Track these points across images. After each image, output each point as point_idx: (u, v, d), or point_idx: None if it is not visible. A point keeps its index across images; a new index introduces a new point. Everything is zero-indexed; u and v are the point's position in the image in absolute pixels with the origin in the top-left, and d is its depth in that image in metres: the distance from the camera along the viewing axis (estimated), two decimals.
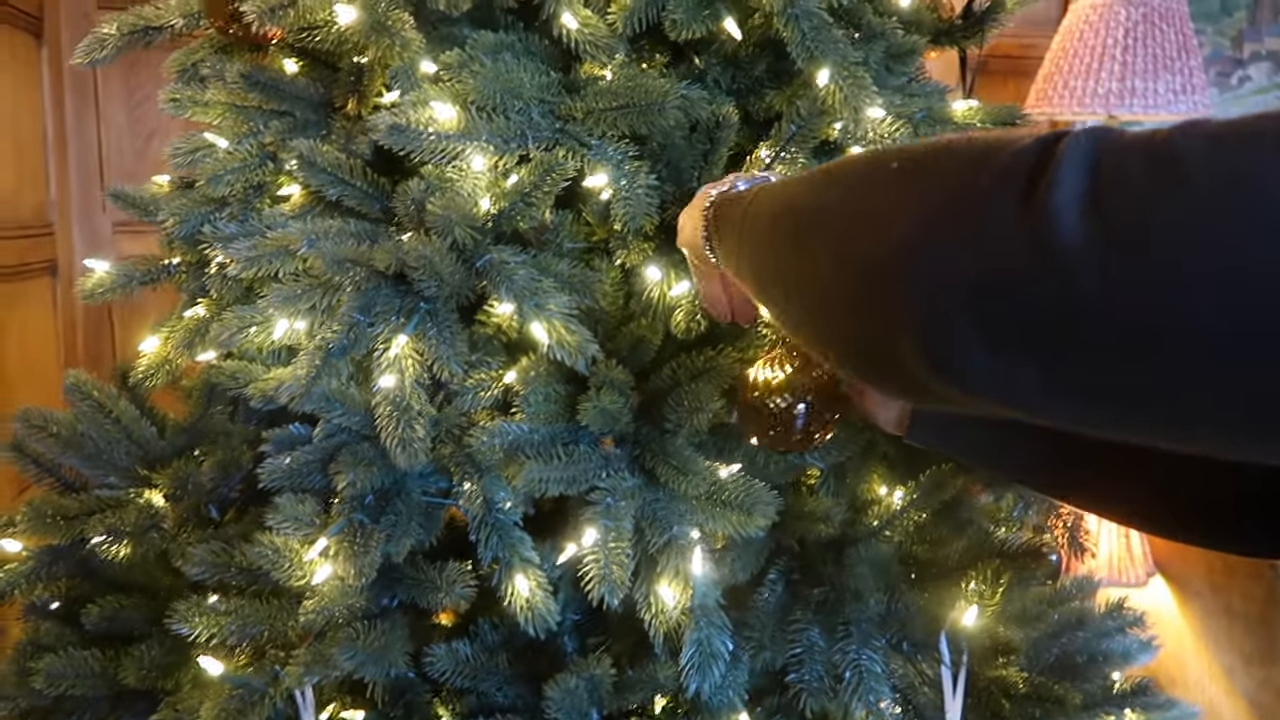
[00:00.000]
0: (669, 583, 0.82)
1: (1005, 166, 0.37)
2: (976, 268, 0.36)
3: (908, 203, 0.41)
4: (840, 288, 0.44)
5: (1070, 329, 0.34)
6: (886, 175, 0.44)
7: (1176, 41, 1.99)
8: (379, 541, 0.81)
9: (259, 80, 0.97)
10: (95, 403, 0.98)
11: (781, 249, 0.51)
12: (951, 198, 0.39)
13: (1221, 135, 0.32)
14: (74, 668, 0.86)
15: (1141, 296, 0.32)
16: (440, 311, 0.84)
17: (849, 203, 0.45)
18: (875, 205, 0.43)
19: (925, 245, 0.39)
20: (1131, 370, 0.34)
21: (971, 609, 0.90)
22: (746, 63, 0.98)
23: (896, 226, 0.40)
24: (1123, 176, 0.33)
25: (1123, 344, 0.33)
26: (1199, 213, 0.31)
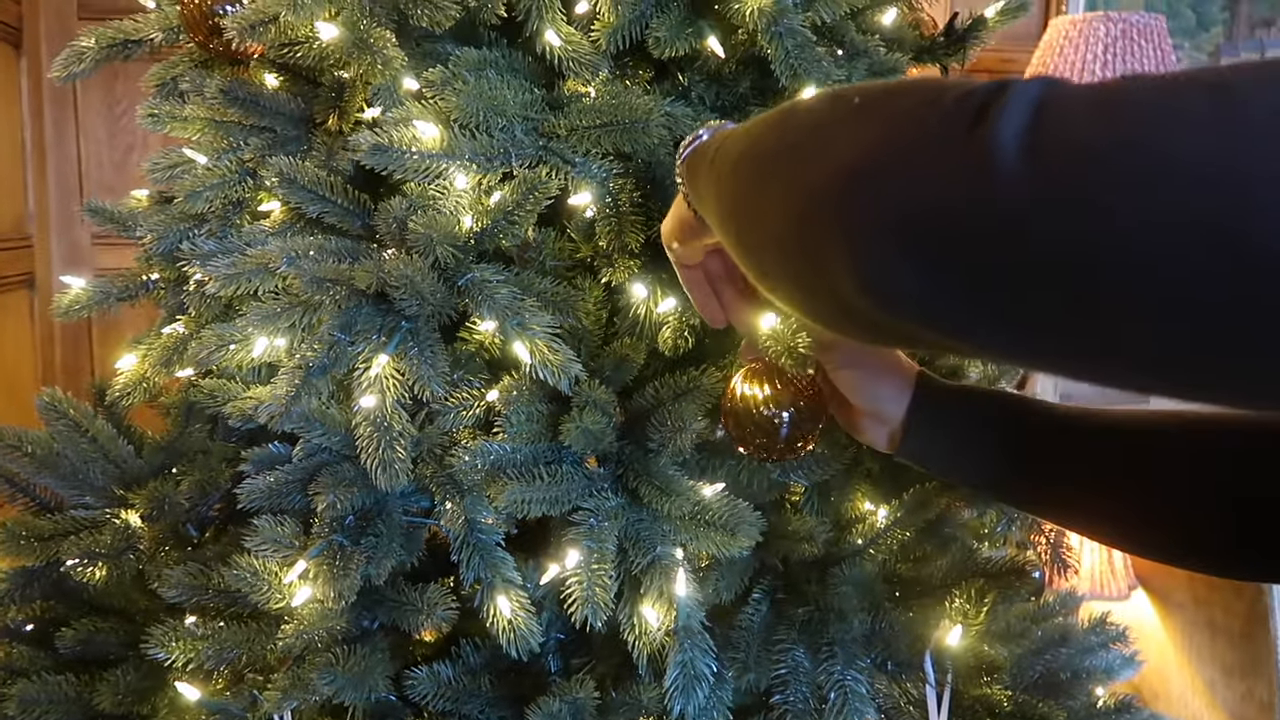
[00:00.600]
0: (653, 604, 0.82)
1: (955, 102, 0.38)
2: (913, 192, 0.38)
3: (858, 133, 0.42)
4: (786, 221, 0.45)
5: (997, 254, 0.35)
6: (845, 110, 0.44)
7: (1155, 57, 2.01)
8: (359, 563, 0.80)
9: (239, 95, 0.96)
10: (71, 421, 0.96)
11: (743, 188, 0.52)
12: (899, 129, 0.40)
13: (1161, 85, 0.34)
14: (48, 693, 0.84)
15: (1067, 227, 0.33)
16: (422, 330, 0.83)
17: (804, 137, 0.46)
18: (829, 136, 0.44)
19: (866, 170, 0.40)
20: (1051, 300, 0.35)
21: (956, 628, 0.89)
22: (730, 80, 0.98)
23: (844, 154, 0.42)
24: (1064, 114, 0.35)
25: (1045, 273, 0.34)
26: (1127, 146, 0.33)
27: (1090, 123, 0.34)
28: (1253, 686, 1.74)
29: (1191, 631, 1.87)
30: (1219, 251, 0.31)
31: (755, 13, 0.87)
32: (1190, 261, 0.32)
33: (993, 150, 0.35)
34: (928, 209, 0.37)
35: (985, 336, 0.39)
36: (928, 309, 0.39)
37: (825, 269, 0.42)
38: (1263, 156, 0.31)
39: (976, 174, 0.36)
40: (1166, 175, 0.32)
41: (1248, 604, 1.73)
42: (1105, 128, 0.34)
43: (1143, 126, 0.33)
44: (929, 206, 0.37)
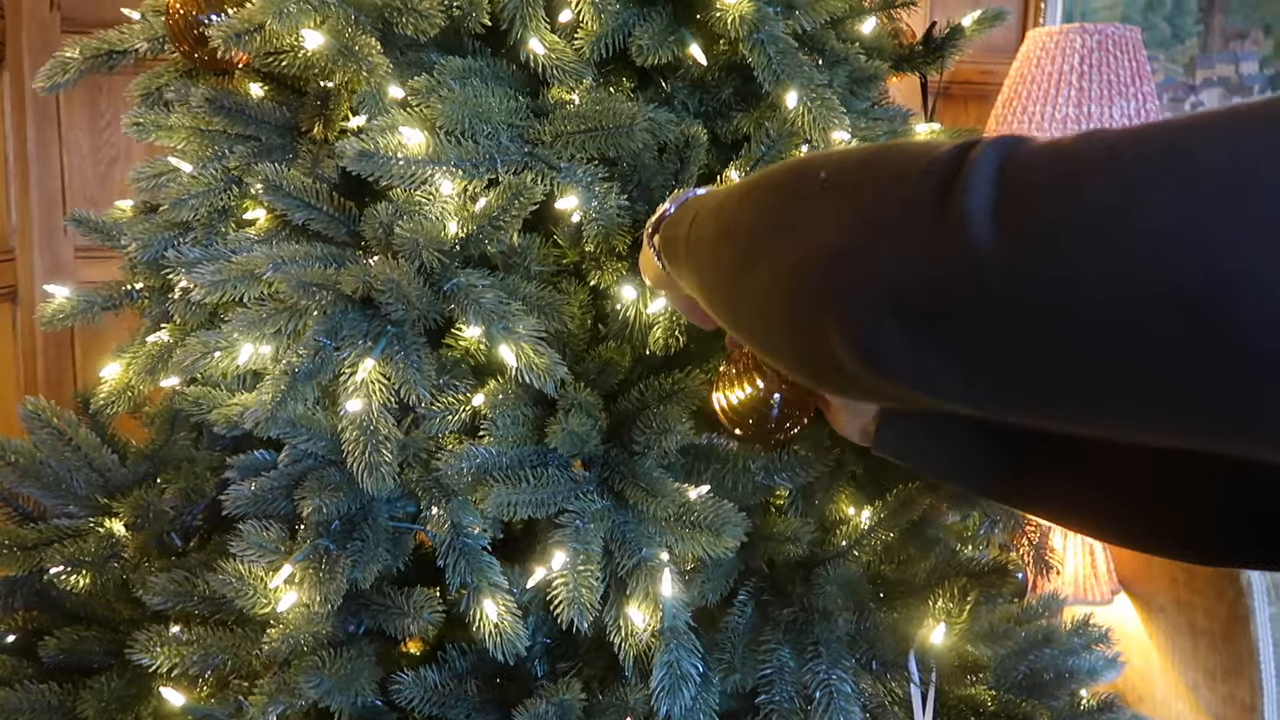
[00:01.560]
0: (639, 605, 0.82)
1: (923, 177, 0.40)
2: (896, 270, 0.40)
3: (834, 214, 0.44)
4: (777, 298, 0.47)
5: (981, 324, 0.37)
6: (815, 188, 0.46)
7: (1130, 68, 2.04)
8: (345, 568, 0.80)
9: (224, 104, 0.97)
10: (55, 430, 0.96)
11: (725, 267, 0.54)
12: (873, 207, 0.42)
13: (1116, 146, 0.35)
14: (31, 702, 0.84)
15: (1042, 291, 0.35)
16: (408, 335, 0.84)
17: (781, 217, 0.48)
18: (805, 216, 0.46)
19: (849, 251, 0.42)
20: (1037, 362, 0.36)
21: (939, 627, 0.90)
22: (714, 86, 0.99)
23: (824, 235, 0.44)
24: (1026, 181, 0.36)
25: (1027, 337, 0.36)
26: (1091, 216, 0.34)
27: (1054, 191, 0.35)
28: (1235, 689, 1.75)
29: (1174, 634, 1.89)
30: (1180, 315, 0.32)
31: (737, 20, 0.89)
32: (1155, 323, 0.33)
33: (965, 225, 0.37)
34: (914, 285, 0.39)
35: (981, 398, 0.41)
36: (925, 376, 0.41)
37: (821, 344, 0.44)
38: (1219, 220, 0.32)
39: (953, 249, 0.37)
40: (1126, 244, 0.33)
41: (1228, 607, 1.74)
42: (1068, 196, 0.35)
43: (1102, 194, 0.34)
44: (915, 283, 0.39)
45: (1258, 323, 0.31)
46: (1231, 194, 0.32)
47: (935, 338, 0.39)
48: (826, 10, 0.95)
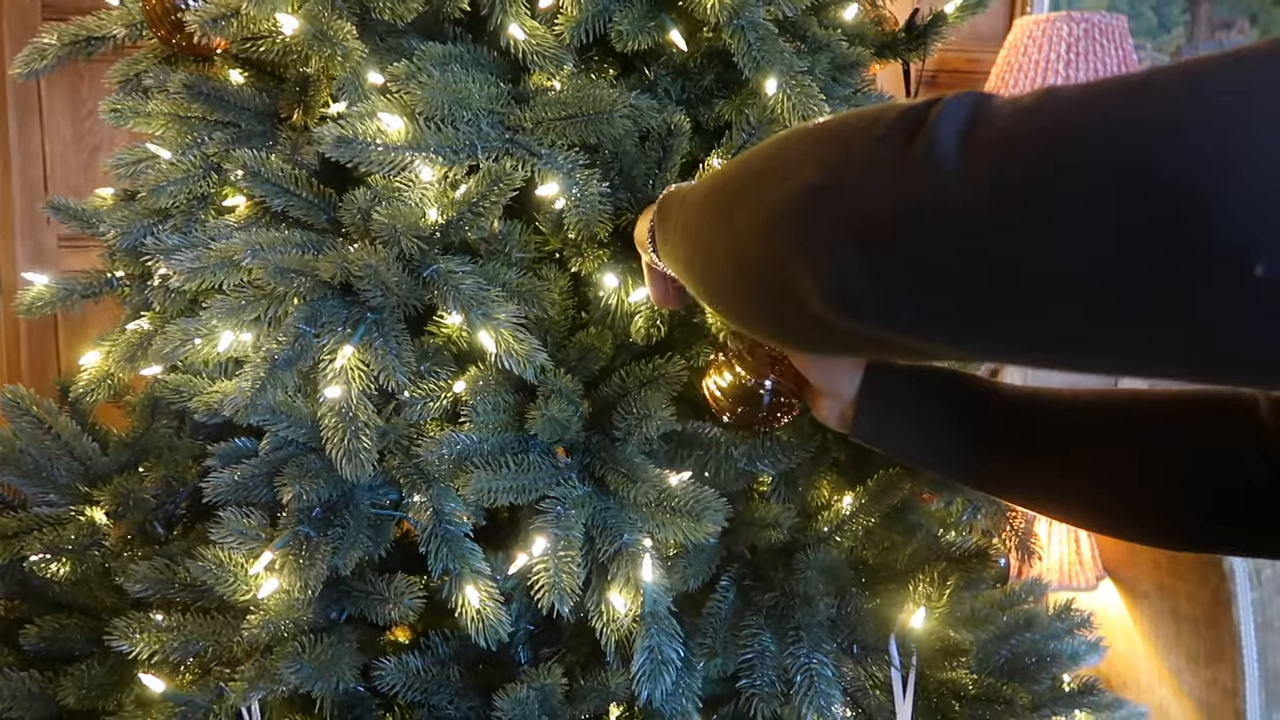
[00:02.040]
0: (620, 590, 0.82)
1: (898, 117, 0.41)
2: (862, 201, 0.41)
3: (815, 154, 0.45)
4: (752, 245, 0.48)
5: (942, 249, 0.38)
6: (802, 136, 0.48)
7: (1117, 57, 2.04)
8: (326, 554, 0.80)
9: (202, 91, 0.96)
10: (34, 418, 0.96)
11: (708, 220, 0.56)
12: (849, 146, 0.44)
13: (1073, 97, 0.37)
14: (11, 689, 0.84)
15: (1000, 208, 0.36)
16: (387, 322, 0.84)
17: (766, 163, 0.50)
18: (782, 162, 0.47)
19: (822, 185, 0.43)
20: (996, 284, 0.37)
21: (920, 612, 0.91)
22: (695, 73, 0.99)
23: (803, 174, 0.45)
24: (993, 116, 0.38)
25: (987, 259, 0.37)
26: (1050, 134, 0.36)
27: (1017, 120, 0.37)
28: (1217, 674, 1.76)
29: (1157, 620, 1.90)
30: (1133, 207, 0.33)
31: (717, 6, 0.88)
32: (1108, 221, 0.33)
33: (931, 153, 0.38)
34: (880, 216, 0.40)
35: (947, 334, 0.41)
36: (888, 312, 0.41)
37: (791, 284, 0.44)
38: (1163, 109, 0.33)
39: (919, 176, 0.39)
40: (1079, 142, 0.35)
41: (1211, 592, 1.75)
42: (1030, 120, 0.37)
43: (1063, 116, 0.36)
44: (881, 214, 0.40)
45: (1214, 214, 0.32)
46: (1187, 88, 0.33)
47: (900, 269, 0.40)
48: None
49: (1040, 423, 0.75)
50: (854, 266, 0.41)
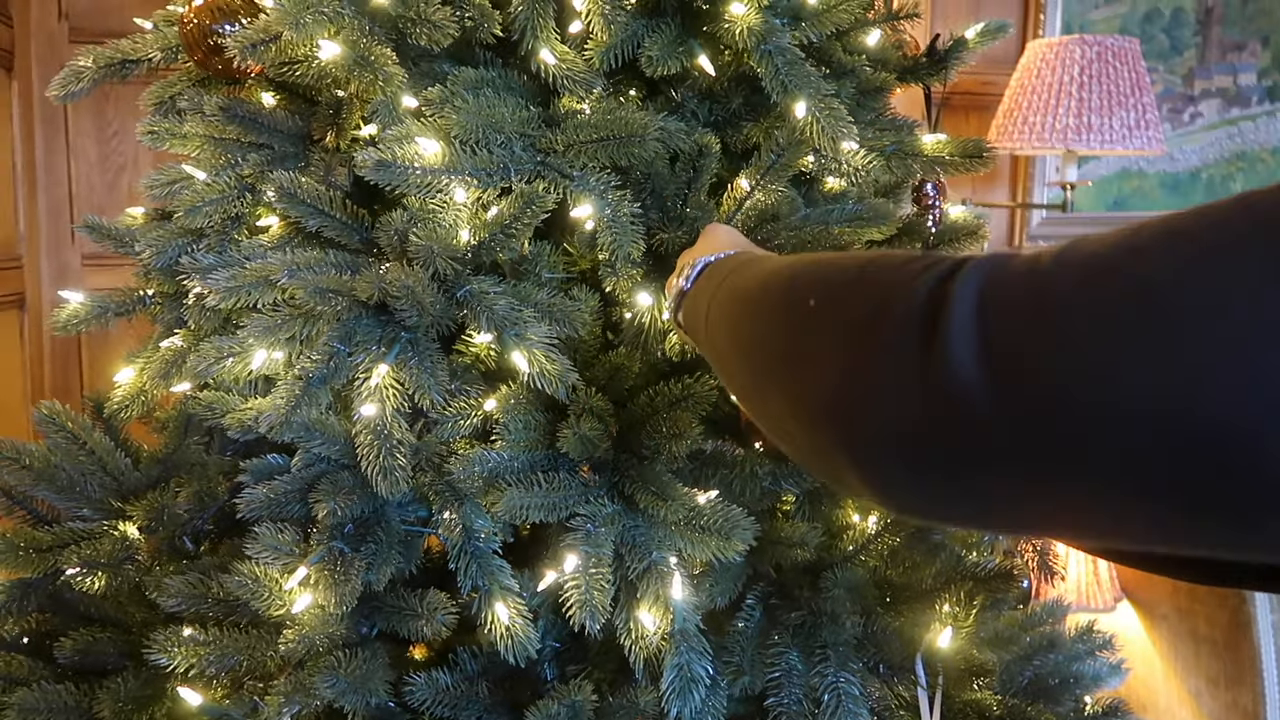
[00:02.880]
0: (649, 608, 0.83)
1: (905, 318, 0.41)
2: (893, 416, 0.41)
3: (827, 352, 0.46)
4: (793, 430, 0.49)
5: (980, 462, 0.39)
6: (808, 319, 0.48)
7: (1130, 79, 2.05)
8: (359, 570, 0.81)
9: (237, 113, 0.98)
10: (69, 434, 0.97)
11: (744, 389, 0.58)
12: (862, 351, 0.44)
13: (1091, 268, 0.36)
14: (47, 701, 0.85)
15: (1035, 436, 0.36)
16: (421, 341, 0.85)
17: (782, 346, 0.51)
18: (802, 351, 0.48)
19: (847, 398, 0.44)
20: (1042, 492, 0.38)
21: (946, 631, 0.91)
22: (723, 96, 1.00)
23: (822, 376, 0.46)
24: (1006, 318, 0.37)
25: (1027, 471, 0.37)
26: (1077, 365, 0.35)
27: (1037, 336, 0.36)
28: (1237, 696, 1.75)
29: (1176, 642, 1.89)
30: (1162, 433, 0.33)
31: (745, 32, 0.90)
32: (1155, 463, 0.34)
33: (951, 372, 0.38)
34: (912, 430, 0.41)
35: (998, 523, 0.45)
36: (939, 508, 0.43)
37: (840, 476, 0.46)
38: (1190, 351, 0.33)
39: (943, 396, 0.39)
40: (1115, 391, 0.34)
41: (1230, 614, 1.75)
42: (1052, 344, 0.36)
43: (1082, 339, 0.35)
44: (912, 428, 0.40)
45: (1258, 459, 0.31)
46: (1211, 333, 0.32)
47: (942, 475, 0.40)
48: (832, 22, 0.97)
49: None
50: (898, 472, 0.42)
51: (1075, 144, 2.08)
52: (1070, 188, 2.21)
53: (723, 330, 0.61)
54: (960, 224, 1.15)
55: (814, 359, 0.47)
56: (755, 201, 0.92)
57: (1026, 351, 0.36)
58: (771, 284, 0.55)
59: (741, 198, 0.93)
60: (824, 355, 0.46)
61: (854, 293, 0.46)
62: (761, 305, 0.55)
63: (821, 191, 0.98)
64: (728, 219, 0.92)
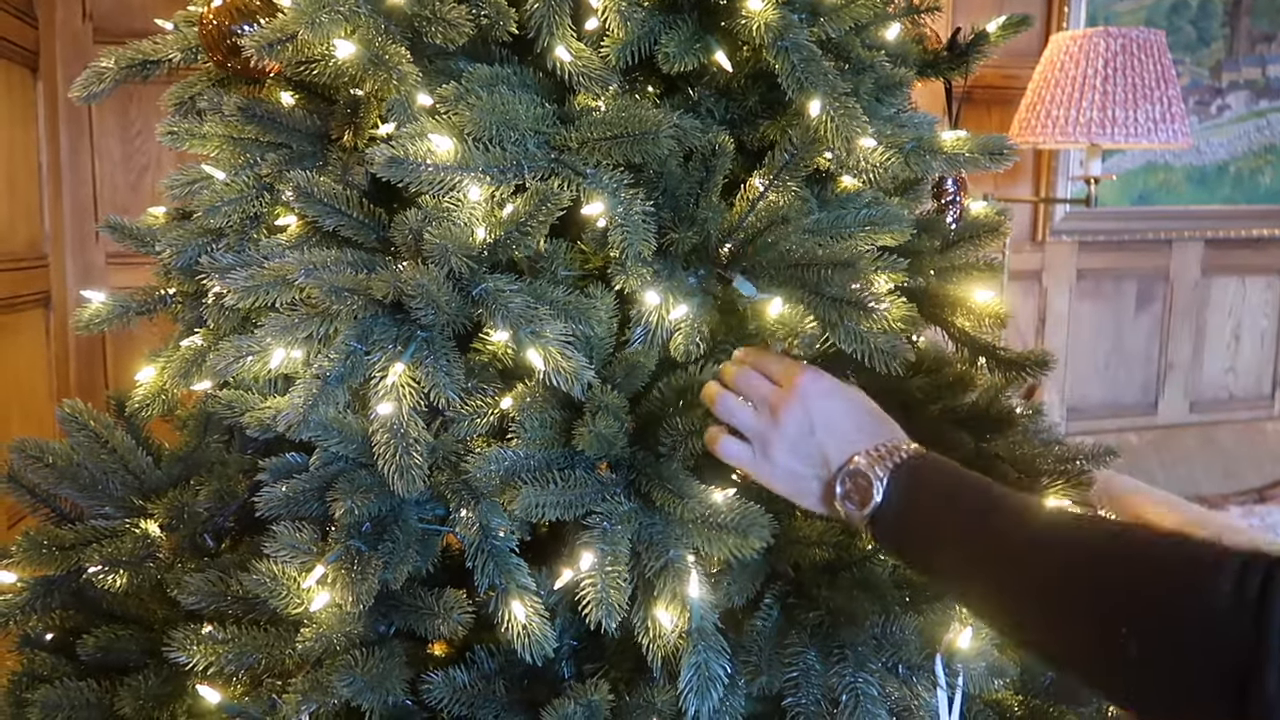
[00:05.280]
0: (666, 606, 0.82)
1: (1218, 656, 0.46)
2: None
3: (1153, 692, 0.51)
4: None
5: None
6: (1120, 651, 0.53)
7: (1155, 72, 2.03)
8: (376, 568, 0.81)
9: (256, 113, 0.99)
10: (91, 433, 0.98)
11: (1063, 635, 0.61)
12: (1188, 688, 0.48)
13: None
14: (70, 698, 0.86)
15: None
16: (437, 339, 0.85)
17: (1098, 654, 0.55)
18: (1123, 682, 0.54)
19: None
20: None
21: (966, 631, 0.90)
22: (739, 93, 1.00)
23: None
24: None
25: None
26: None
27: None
28: None
29: None
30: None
31: (762, 28, 0.89)
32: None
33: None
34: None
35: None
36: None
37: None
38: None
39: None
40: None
41: None
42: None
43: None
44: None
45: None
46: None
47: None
48: (851, 17, 0.96)
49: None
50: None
51: (1099, 138, 2.05)
52: (1094, 182, 2.19)
53: (987, 601, 0.66)
54: (981, 220, 1.13)
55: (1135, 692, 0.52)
56: (768, 202, 0.92)
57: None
58: (1077, 587, 0.58)
59: (755, 197, 0.92)
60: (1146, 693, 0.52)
61: (1170, 623, 0.50)
62: (1061, 597, 0.59)
63: (835, 191, 0.97)
64: (740, 220, 0.91)
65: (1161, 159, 2.74)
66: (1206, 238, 2.86)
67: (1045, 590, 0.61)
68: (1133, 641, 0.52)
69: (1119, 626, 0.53)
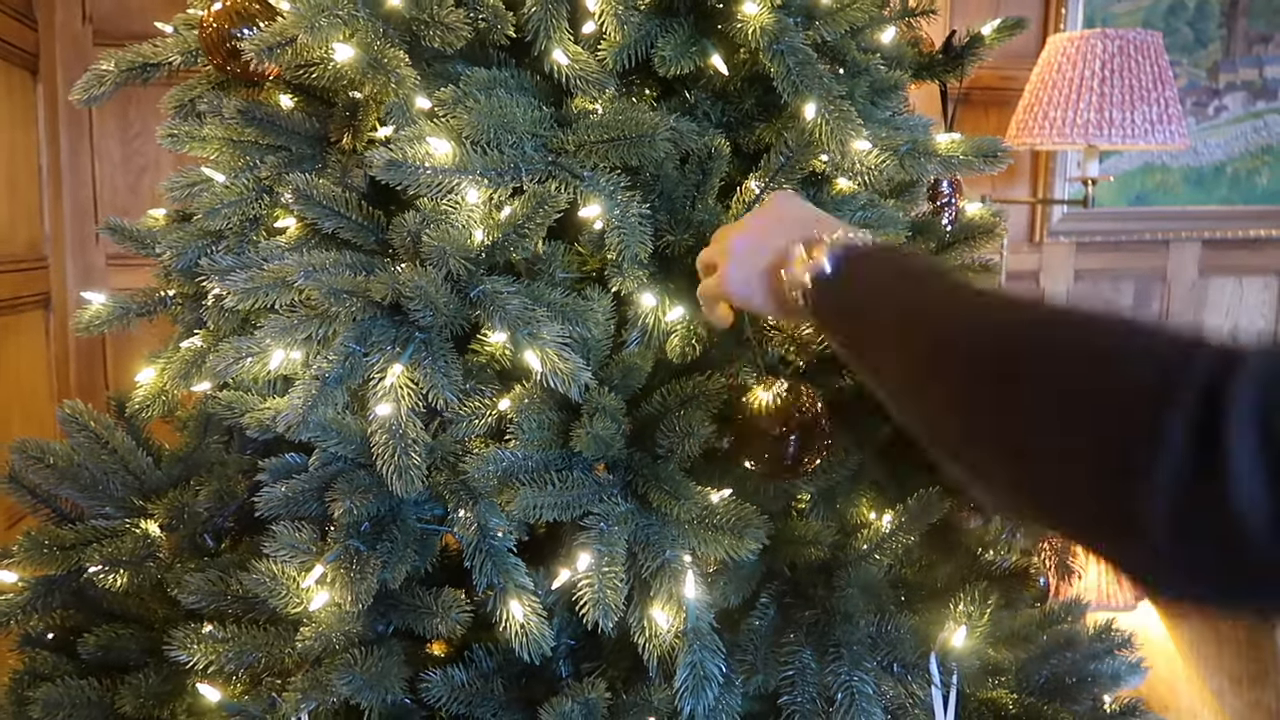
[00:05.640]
0: (662, 606, 0.83)
1: (1171, 413, 0.39)
2: (1158, 516, 0.39)
3: (1076, 430, 0.43)
4: (1016, 489, 0.47)
5: (1259, 572, 0.38)
6: (1040, 398, 0.45)
7: (1152, 73, 2.03)
8: (375, 568, 0.82)
9: (255, 115, 0.99)
10: (92, 433, 0.99)
11: (941, 418, 0.53)
12: (1124, 442, 0.41)
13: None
14: (71, 696, 0.86)
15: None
16: (435, 341, 0.86)
17: (1007, 403, 0.47)
18: (1037, 422, 0.45)
19: (1102, 491, 0.41)
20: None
21: (960, 630, 0.91)
22: (735, 97, 1.00)
23: (1067, 470, 0.43)
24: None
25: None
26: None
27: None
28: (1260, 696, 1.74)
29: (1198, 642, 1.88)
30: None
31: (757, 31, 0.90)
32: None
33: (1234, 491, 0.36)
34: (1178, 534, 0.39)
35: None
36: (1184, 595, 0.42)
37: (1091, 543, 0.44)
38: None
39: (1222, 514, 0.37)
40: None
41: None
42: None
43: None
44: (1178, 531, 0.39)
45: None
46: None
47: (1198, 572, 0.40)
48: (846, 20, 0.96)
49: None
50: (1150, 560, 0.41)
51: (1096, 139, 2.06)
52: (1091, 183, 2.19)
53: (913, 338, 0.56)
54: (976, 222, 1.14)
55: (1055, 437, 0.44)
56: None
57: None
58: (983, 341, 0.51)
59: (751, 200, 0.93)
60: (1064, 429, 0.43)
61: (1102, 383, 0.43)
62: (979, 339, 0.51)
63: (831, 194, 0.98)
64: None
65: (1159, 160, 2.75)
66: (1204, 238, 2.87)
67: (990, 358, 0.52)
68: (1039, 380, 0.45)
69: (1034, 373, 0.46)
